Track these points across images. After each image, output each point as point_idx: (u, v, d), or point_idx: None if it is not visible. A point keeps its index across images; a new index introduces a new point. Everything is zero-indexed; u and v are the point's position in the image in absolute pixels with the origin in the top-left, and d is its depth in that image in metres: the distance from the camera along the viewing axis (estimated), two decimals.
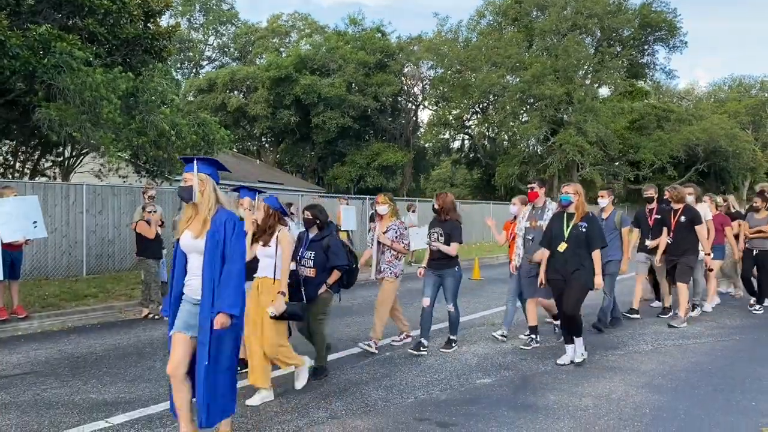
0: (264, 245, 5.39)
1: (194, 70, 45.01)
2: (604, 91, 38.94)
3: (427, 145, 42.60)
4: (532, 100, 34.91)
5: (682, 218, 8.48)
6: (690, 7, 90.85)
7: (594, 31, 37.10)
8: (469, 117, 39.75)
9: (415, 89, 41.38)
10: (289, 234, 5.42)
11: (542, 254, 6.54)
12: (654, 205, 9.10)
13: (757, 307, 9.70)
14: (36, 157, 17.01)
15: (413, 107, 41.76)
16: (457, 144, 43.17)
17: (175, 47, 25.04)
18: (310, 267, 5.93)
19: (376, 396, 5.42)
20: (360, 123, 35.49)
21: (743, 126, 43.12)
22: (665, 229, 8.69)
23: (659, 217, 8.86)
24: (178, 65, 42.65)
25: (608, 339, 7.64)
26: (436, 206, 7.06)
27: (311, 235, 6.06)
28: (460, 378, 6.00)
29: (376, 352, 6.86)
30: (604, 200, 8.30)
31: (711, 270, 9.63)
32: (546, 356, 6.83)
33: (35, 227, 8.32)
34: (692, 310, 9.14)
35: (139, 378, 5.95)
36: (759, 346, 7.53)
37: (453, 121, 38.73)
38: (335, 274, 5.98)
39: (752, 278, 10.07)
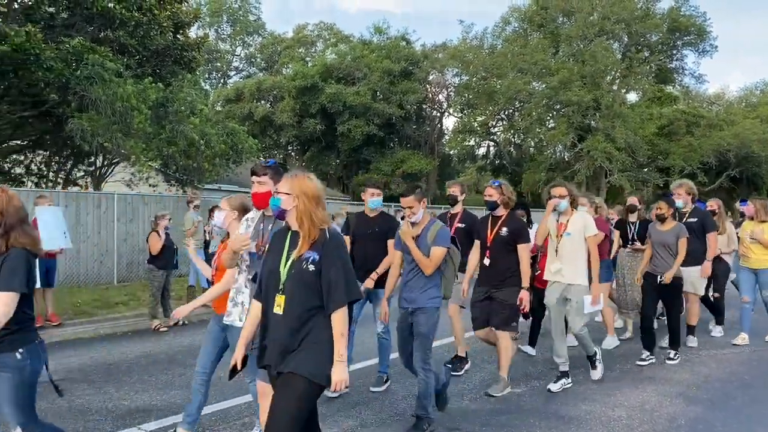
0: None
1: (222, 80, 45.57)
2: (632, 97, 38.55)
3: (452, 152, 42.53)
4: (558, 106, 34.67)
5: (503, 230, 5.66)
6: (721, 10, 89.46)
7: (621, 36, 36.73)
8: (494, 124, 39.59)
9: (440, 96, 41.39)
10: None
11: (254, 313, 3.33)
12: (458, 209, 6.42)
13: (672, 354, 6.94)
14: (69, 166, 17.36)
15: (438, 114, 41.75)
16: (482, 151, 43.03)
17: (203, 58, 25.41)
18: None
19: (405, 405, 5.39)
20: (385, 131, 35.57)
21: None
22: (475, 248, 5.89)
23: (463, 226, 6.21)
24: (207, 75, 43.21)
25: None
26: None
27: None
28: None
29: None
30: (418, 214, 4.79)
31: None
32: (576, 366, 6.73)
33: (65, 237, 8.50)
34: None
35: (170, 385, 6.01)
36: None
37: (478, 128, 38.61)
38: None
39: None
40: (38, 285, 7.83)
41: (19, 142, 15.67)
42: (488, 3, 76.33)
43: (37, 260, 7.48)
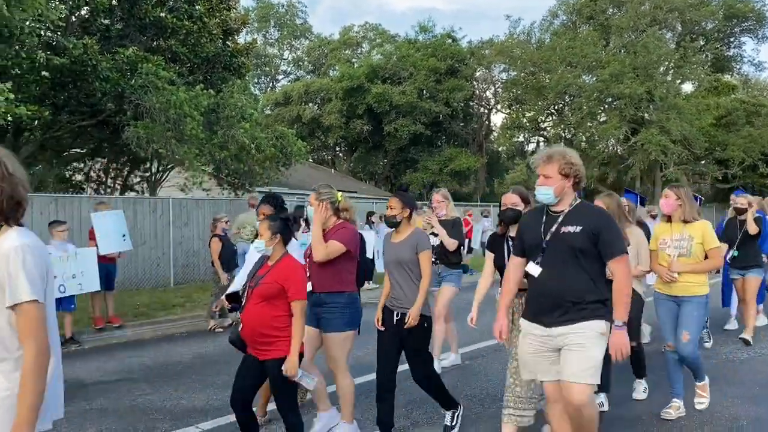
0: None
1: (270, 84, 46.34)
2: (687, 88, 37.35)
3: (500, 149, 42.13)
4: (610, 100, 33.90)
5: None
6: None
7: (675, 25, 35.67)
8: (543, 119, 39.01)
9: (487, 93, 41.08)
10: None
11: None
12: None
13: (448, 416, 4.74)
14: (125, 173, 17.94)
15: (485, 111, 41.42)
16: (531, 147, 42.47)
17: (252, 63, 25.87)
18: None
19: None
20: (432, 129, 35.52)
21: None
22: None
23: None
24: (255, 80, 44.02)
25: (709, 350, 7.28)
26: None
27: None
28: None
29: None
30: None
31: None
32: (627, 368, 6.57)
33: (124, 240, 8.79)
34: None
35: (226, 385, 6.11)
36: None
37: (527, 124, 38.13)
38: None
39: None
40: (99, 289, 8.20)
41: (78, 150, 16.29)
42: None
43: (98, 265, 7.74)
